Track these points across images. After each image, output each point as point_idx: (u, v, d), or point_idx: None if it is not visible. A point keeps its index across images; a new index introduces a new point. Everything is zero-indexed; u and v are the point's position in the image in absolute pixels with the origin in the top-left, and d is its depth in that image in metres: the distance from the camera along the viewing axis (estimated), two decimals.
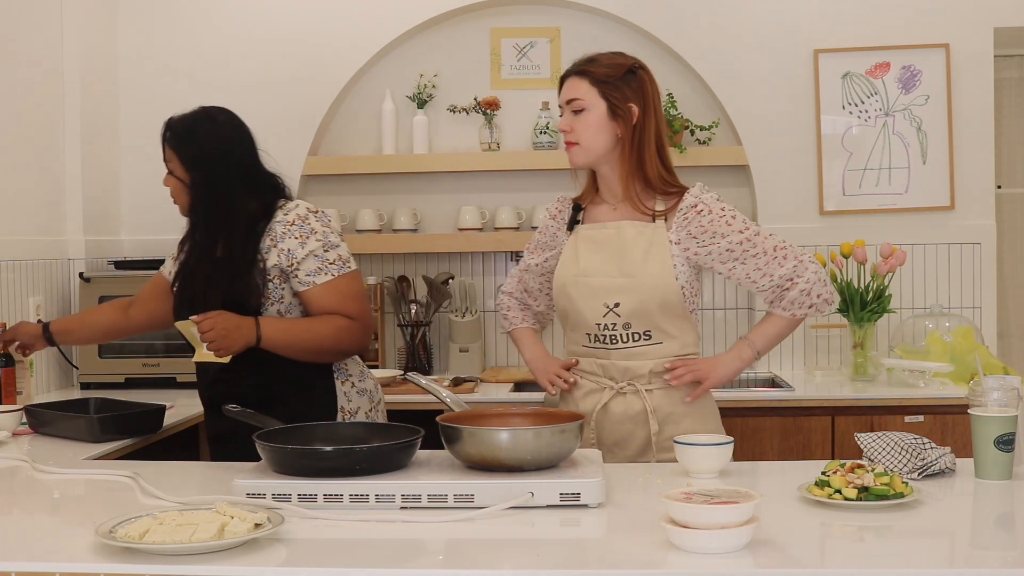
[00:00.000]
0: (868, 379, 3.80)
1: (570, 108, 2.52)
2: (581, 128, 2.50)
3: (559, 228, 2.63)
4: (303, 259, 2.59)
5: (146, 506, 1.95)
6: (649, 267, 2.45)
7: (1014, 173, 4.50)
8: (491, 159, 4.18)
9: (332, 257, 2.62)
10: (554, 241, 2.64)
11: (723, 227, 2.46)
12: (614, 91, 2.49)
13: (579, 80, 2.52)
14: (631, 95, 2.49)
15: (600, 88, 2.49)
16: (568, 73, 2.56)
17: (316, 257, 2.60)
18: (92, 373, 3.80)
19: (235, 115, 2.81)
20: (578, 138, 2.51)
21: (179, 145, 2.74)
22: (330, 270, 2.61)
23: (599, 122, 2.49)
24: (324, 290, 2.60)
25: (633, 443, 2.48)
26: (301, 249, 2.59)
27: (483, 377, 4.00)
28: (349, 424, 2.21)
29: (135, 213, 4.26)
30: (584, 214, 2.59)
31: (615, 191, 2.55)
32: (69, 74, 3.93)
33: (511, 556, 1.70)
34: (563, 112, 2.55)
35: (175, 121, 2.77)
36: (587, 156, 2.52)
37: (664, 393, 2.49)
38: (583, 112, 2.50)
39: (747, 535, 1.64)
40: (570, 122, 2.52)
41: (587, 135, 2.50)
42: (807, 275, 2.46)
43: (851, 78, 4.09)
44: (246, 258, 2.60)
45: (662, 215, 2.49)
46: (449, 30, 4.28)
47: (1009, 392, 2.12)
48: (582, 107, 2.50)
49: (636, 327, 2.47)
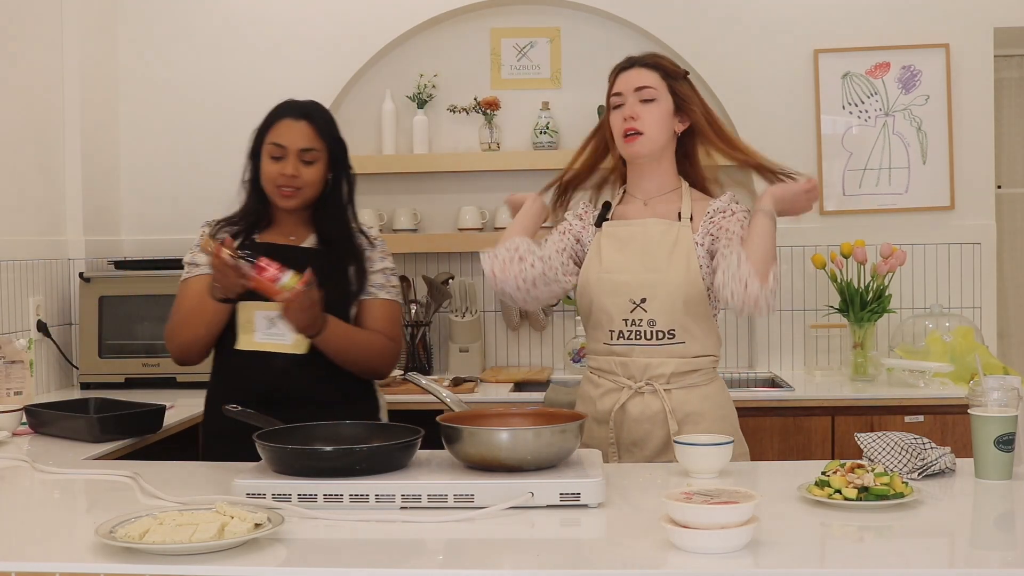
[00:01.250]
0: (868, 379, 3.80)
1: (639, 96, 2.48)
2: (649, 118, 2.48)
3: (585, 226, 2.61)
4: (376, 271, 2.65)
5: (146, 506, 1.95)
6: (674, 265, 2.45)
7: (1014, 173, 4.50)
8: (491, 159, 4.18)
9: (395, 282, 2.70)
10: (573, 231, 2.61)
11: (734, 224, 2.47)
12: (680, 87, 2.51)
13: (649, 71, 2.50)
14: (691, 94, 2.53)
15: (669, 83, 2.50)
16: (632, 64, 2.53)
17: (385, 275, 2.66)
18: (92, 373, 3.79)
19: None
20: (644, 127, 2.48)
21: (331, 139, 2.64)
22: (392, 292, 2.67)
23: (665, 115, 2.49)
24: (382, 304, 2.64)
25: (651, 443, 2.47)
26: (381, 262, 2.66)
27: (483, 377, 4.00)
28: (349, 424, 2.20)
29: (135, 213, 4.27)
30: (613, 212, 2.60)
31: (651, 188, 2.55)
32: (69, 74, 3.93)
33: (511, 556, 1.70)
34: (622, 102, 2.50)
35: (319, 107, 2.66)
36: (651, 146, 2.50)
37: (683, 393, 2.47)
38: (653, 102, 2.48)
39: (747, 535, 1.64)
40: (638, 109, 2.48)
41: (654, 126, 2.48)
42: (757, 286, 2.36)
43: (851, 78, 4.09)
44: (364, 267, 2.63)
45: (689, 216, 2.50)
46: (449, 30, 4.28)
47: (1009, 392, 2.12)
48: (653, 96, 2.48)
49: (661, 325, 2.46)
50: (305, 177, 2.58)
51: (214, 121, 4.22)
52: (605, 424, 2.49)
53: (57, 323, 3.87)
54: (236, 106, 4.23)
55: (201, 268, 2.62)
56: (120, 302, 3.82)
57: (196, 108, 4.23)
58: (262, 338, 2.53)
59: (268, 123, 2.62)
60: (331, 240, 2.63)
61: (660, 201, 2.54)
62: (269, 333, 2.52)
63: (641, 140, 2.49)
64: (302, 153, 2.57)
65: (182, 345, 2.60)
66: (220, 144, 4.23)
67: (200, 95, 4.24)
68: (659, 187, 2.55)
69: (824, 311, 4.05)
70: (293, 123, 2.59)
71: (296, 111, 2.61)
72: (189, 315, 2.58)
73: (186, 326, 2.58)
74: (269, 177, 2.59)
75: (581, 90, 4.21)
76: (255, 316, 2.52)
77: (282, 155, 2.57)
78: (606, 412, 2.49)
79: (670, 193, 2.55)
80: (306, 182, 2.58)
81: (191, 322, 2.57)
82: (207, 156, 4.23)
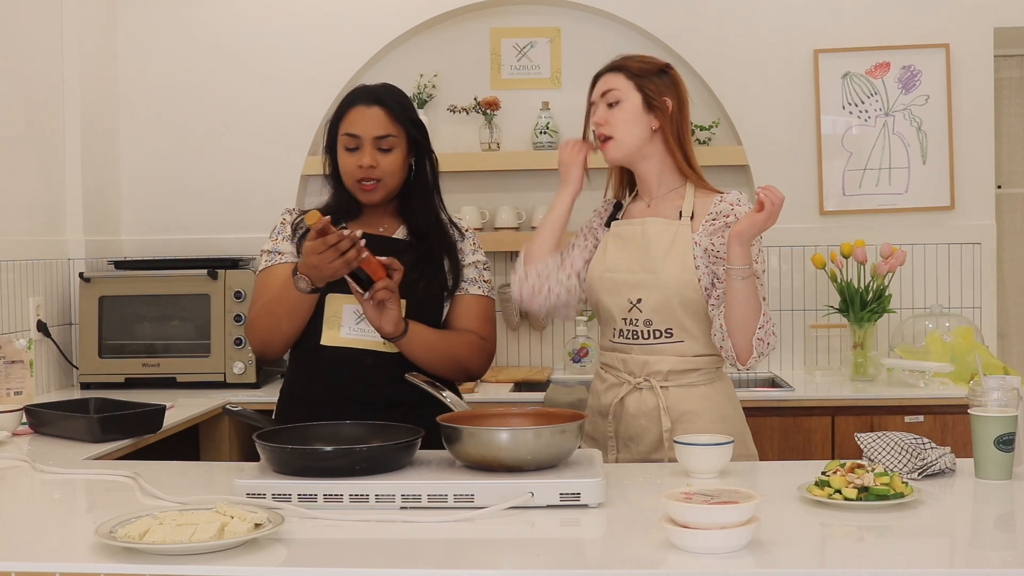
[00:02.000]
0: (868, 379, 3.80)
1: (604, 101, 2.50)
2: (615, 120, 2.48)
3: (600, 225, 2.64)
4: (468, 265, 2.55)
5: (146, 506, 1.95)
6: (669, 264, 2.45)
7: (1014, 173, 4.50)
8: (491, 159, 4.18)
9: (487, 276, 2.59)
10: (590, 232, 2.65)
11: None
12: (649, 84, 2.49)
13: (614, 75, 2.51)
14: (665, 89, 2.51)
15: (635, 81, 2.49)
16: (601, 71, 2.55)
17: (477, 268, 2.56)
18: (92, 373, 3.80)
19: None
20: (612, 131, 2.49)
21: (408, 122, 2.48)
22: (484, 287, 2.56)
23: (634, 114, 2.48)
24: (474, 301, 2.53)
25: (646, 439, 2.48)
26: (472, 255, 2.56)
27: (483, 377, 3.99)
28: (349, 424, 2.20)
29: (135, 213, 4.27)
30: (623, 211, 2.61)
31: (651, 188, 2.55)
32: (69, 74, 3.93)
33: (511, 556, 1.70)
34: (595, 109, 2.53)
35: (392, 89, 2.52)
36: (621, 150, 2.50)
37: (680, 392, 2.47)
38: (618, 104, 2.49)
39: (747, 535, 1.64)
40: (604, 115, 2.50)
41: (622, 128, 2.48)
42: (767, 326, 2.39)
43: (851, 78, 4.09)
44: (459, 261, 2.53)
45: (690, 214, 2.49)
46: (449, 30, 4.28)
47: (1009, 392, 2.12)
48: (617, 99, 2.49)
49: (658, 324, 2.47)
50: (384, 167, 2.43)
51: (214, 121, 4.23)
52: (605, 418, 2.52)
53: (57, 323, 3.87)
54: (236, 106, 4.23)
55: (284, 256, 2.49)
56: (120, 302, 3.82)
57: (196, 108, 4.23)
58: (349, 333, 2.41)
59: (340, 113, 2.48)
60: (423, 231, 2.50)
61: (663, 199, 2.54)
62: (358, 328, 2.40)
63: (611, 145, 2.50)
64: (378, 141, 2.43)
65: (263, 337, 2.44)
66: (220, 144, 4.23)
67: (200, 95, 4.24)
68: (660, 185, 2.55)
69: (824, 311, 4.05)
70: (366, 110, 2.45)
71: (367, 96, 2.47)
72: (271, 304, 2.41)
73: (267, 316, 2.42)
74: (347, 171, 2.46)
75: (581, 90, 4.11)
76: (343, 310, 2.40)
77: (357, 145, 2.43)
78: (607, 406, 2.52)
79: (673, 191, 2.54)
80: (386, 172, 2.44)
81: (273, 311, 2.40)
82: (207, 156, 4.24)
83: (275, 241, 2.54)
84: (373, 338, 2.40)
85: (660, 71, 2.53)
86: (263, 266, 2.53)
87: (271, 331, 2.42)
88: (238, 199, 4.21)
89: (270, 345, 2.45)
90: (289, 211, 2.61)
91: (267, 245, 2.55)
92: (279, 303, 2.39)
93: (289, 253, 2.50)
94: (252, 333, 2.48)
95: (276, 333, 2.42)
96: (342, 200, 2.52)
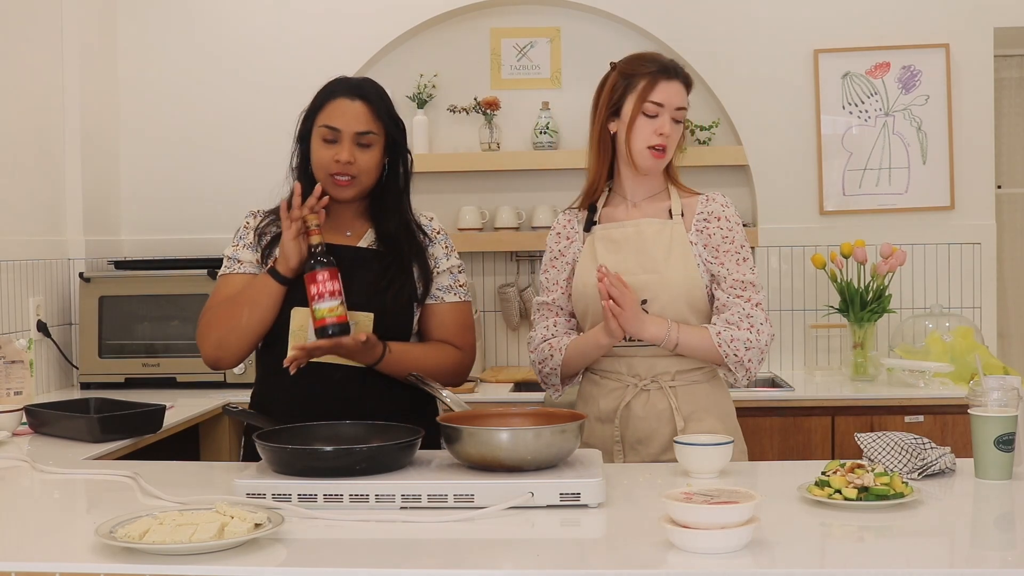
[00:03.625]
0: (868, 379, 3.80)
1: (675, 115, 2.45)
2: (675, 136, 2.47)
3: (572, 241, 2.57)
4: (443, 272, 2.45)
5: (146, 506, 1.95)
6: (673, 264, 2.44)
7: (1014, 173, 4.50)
8: (491, 159, 4.18)
9: (463, 280, 2.48)
10: (567, 256, 2.57)
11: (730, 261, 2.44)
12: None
13: (685, 90, 2.48)
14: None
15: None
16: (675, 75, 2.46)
17: (452, 274, 2.46)
18: (92, 373, 3.80)
19: None
20: (669, 145, 2.46)
21: (388, 120, 2.38)
22: (460, 292, 2.46)
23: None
24: (450, 309, 2.44)
25: (656, 441, 2.46)
26: (446, 260, 2.46)
27: (483, 377, 3.99)
28: (349, 424, 2.19)
29: (135, 213, 4.27)
30: (600, 215, 2.56)
31: (643, 190, 2.52)
32: (69, 74, 3.93)
33: (511, 556, 1.70)
34: (657, 113, 2.44)
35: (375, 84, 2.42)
36: (666, 164, 2.50)
37: (688, 391, 2.47)
38: (679, 123, 2.47)
39: (747, 535, 1.64)
40: (671, 129, 2.45)
41: (673, 146, 2.48)
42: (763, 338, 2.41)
43: (851, 78, 4.09)
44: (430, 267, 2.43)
45: (679, 214, 2.49)
46: (449, 30, 4.28)
47: (1009, 392, 2.12)
48: (682, 118, 2.47)
49: None
50: (361, 163, 2.33)
51: (214, 121, 4.23)
52: (610, 423, 2.48)
53: (57, 323, 3.87)
54: (236, 106, 4.23)
55: (244, 266, 2.40)
56: (120, 302, 3.82)
57: (196, 109, 4.23)
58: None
59: (319, 103, 2.38)
60: (391, 235, 2.39)
61: (649, 202, 2.52)
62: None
63: (663, 158, 2.47)
64: (358, 136, 2.33)
65: (218, 337, 2.32)
66: (220, 144, 4.23)
67: (200, 96, 4.24)
68: (648, 189, 2.53)
69: (824, 311, 4.05)
70: (348, 103, 2.34)
71: (351, 90, 2.36)
72: (230, 306, 2.31)
73: (226, 310, 2.31)
74: (321, 164, 2.34)
75: (581, 90, 4.18)
76: (308, 324, 2.26)
77: (336, 139, 2.33)
78: (611, 410, 2.48)
79: (658, 194, 2.53)
80: (362, 169, 2.34)
81: (236, 301, 2.30)
82: (207, 156, 4.24)
83: (236, 247, 2.42)
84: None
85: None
86: (222, 271, 2.42)
87: (228, 327, 2.30)
88: (238, 199, 4.18)
89: (225, 345, 2.32)
90: (253, 213, 2.48)
91: (228, 251, 2.44)
92: (241, 294, 2.31)
93: (249, 262, 2.40)
94: (205, 336, 2.34)
95: (234, 329, 2.30)
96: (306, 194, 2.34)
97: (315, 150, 2.37)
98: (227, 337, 2.32)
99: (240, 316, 2.30)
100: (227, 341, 2.32)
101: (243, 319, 2.30)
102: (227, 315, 2.32)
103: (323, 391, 2.34)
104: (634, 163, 2.47)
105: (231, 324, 2.31)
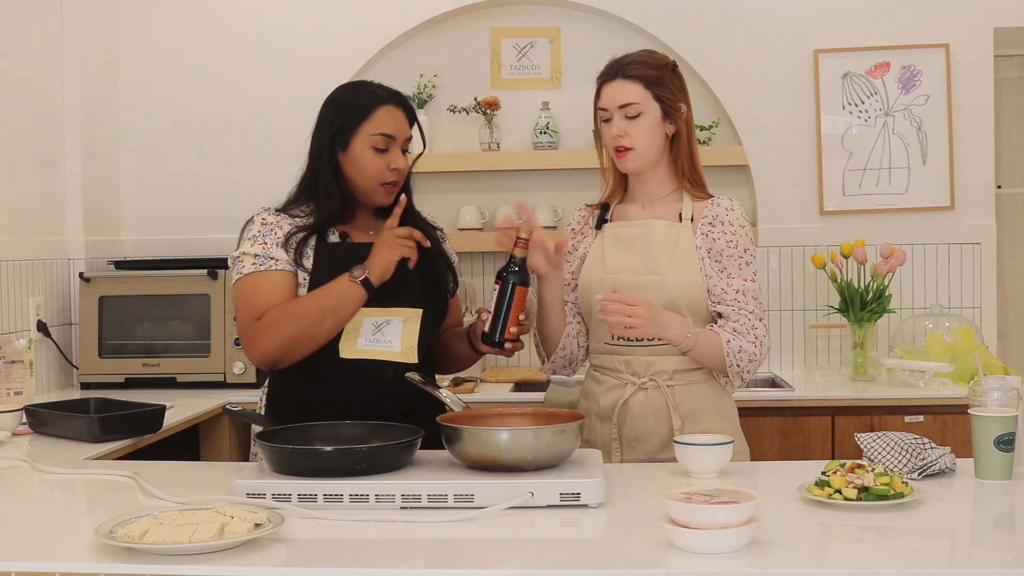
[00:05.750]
0: (868, 379, 3.80)
1: (623, 113, 2.45)
2: (637, 133, 2.45)
3: (584, 237, 2.59)
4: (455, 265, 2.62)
5: (146, 506, 1.95)
6: (675, 266, 2.44)
7: (1014, 173, 4.50)
8: (491, 159, 4.18)
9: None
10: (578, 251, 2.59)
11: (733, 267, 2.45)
12: (665, 92, 2.46)
13: (631, 84, 2.45)
14: (678, 94, 2.49)
15: (653, 91, 2.45)
16: (613, 76, 2.47)
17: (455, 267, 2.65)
18: (92, 373, 3.80)
19: None
20: (633, 143, 2.45)
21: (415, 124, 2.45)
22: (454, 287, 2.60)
23: (653, 126, 2.45)
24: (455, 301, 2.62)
25: (654, 439, 2.46)
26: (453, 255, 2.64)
27: (483, 377, 4.00)
28: (349, 424, 2.19)
29: (135, 213, 4.27)
30: (612, 213, 2.58)
31: (651, 191, 2.53)
32: (69, 74, 3.93)
33: (511, 556, 1.70)
34: (610, 116, 2.46)
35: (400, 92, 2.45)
36: (642, 161, 2.48)
37: (687, 389, 2.47)
38: (639, 117, 2.44)
39: (747, 535, 1.64)
40: (624, 126, 2.44)
41: (643, 140, 2.45)
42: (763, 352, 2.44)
43: (851, 78, 4.09)
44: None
45: (690, 217, 2.49)
46: (449, 30, 4.28)
47: (1009, 392, 2.12)
48: (638, 112, 2.44)
49: None
50: (403, 168, 2.37)
51: (214, 121, 4.23)
52: (608, 420, 2.49)
53: (57, 323, 3.87)
54: (236, 106, 4.23)
55: (279, 263, 2.30)
56: (120, 302, 3.82)
57: (196, 108, 4.23)
58: (366, 344, 2.30)
59: (364, 111, 2.33)
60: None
61: (660, 203, 2.53)
62: (374, 339, 2.30)
63: (632, 155, 2.47)
64: (405, 143, 2.37)
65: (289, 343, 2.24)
66: (220, 144, 4.23)
67: (200, 95, 4.24)
68: (658, 189, 2.54)
69: (824, 311, 4.05)
70: (395, 110, 2.35)
71: (394, 97, 2.37)
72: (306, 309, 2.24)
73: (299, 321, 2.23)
74: (373, 172, 2.32)
75: (581, 90, 4.20)
76: (362, 321, 2.29)
77: (388, 146, 2.33)
78: (609, 408, 2.49)
79: (670, 195, 2.54)
80: (402, 173, 2.37)
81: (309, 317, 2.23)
82: (207, 156, 4.24)
83: (265, 245, 2.32)
84: (391, 349, 2.33)
85: (672, 71, 2.50)
86: (251, 269, 2.31)
87: (304, 332, 2.23)
88: (238, 199, 4.20)
89: (295, 347, 2.25)
90: (268, 209, 2.41)
91: (250, 247, 2.33)
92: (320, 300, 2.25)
93: (284, 260, 2.31)
94: (270, 336, 2.25)
95: (313, 336, 2.24)
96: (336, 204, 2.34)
97: (362, 159, 2.34)
98: (299, 339, 2.26)
99: (322, 323, 2.25)
100: (298, 343, 2.26)
101: (325, 326, 2.25)
102: (303, 318, 2.25)
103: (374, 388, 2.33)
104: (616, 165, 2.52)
105: (310, 330, 2.25)
